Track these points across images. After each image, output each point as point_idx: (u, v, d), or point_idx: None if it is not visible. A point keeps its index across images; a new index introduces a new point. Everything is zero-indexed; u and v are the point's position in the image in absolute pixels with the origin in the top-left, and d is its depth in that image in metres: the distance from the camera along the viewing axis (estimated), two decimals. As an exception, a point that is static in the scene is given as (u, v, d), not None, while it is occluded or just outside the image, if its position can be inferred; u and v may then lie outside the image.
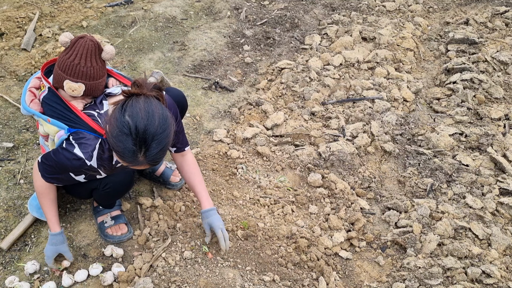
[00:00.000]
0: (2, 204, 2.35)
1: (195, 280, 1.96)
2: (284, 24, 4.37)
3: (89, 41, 1.82)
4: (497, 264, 2.18)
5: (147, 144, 1.59)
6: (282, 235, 2.26)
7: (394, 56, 3.78)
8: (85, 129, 1.80)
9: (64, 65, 1.82)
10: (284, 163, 2.75)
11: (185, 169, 2.16)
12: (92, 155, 1.78)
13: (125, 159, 1.64)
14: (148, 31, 4.01)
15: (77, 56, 1.81)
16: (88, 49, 1.82)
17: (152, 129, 1.58)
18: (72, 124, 1.81)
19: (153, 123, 1.58)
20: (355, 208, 2.50)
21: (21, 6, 4.12)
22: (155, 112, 1.60)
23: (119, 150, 1.61)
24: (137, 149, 1.59)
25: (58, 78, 1.85)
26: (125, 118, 1.57)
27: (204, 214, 2.10)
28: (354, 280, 2.20)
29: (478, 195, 2.60)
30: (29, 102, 1.93)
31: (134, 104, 1.59)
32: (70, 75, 1.81)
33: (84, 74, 1.82)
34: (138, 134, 1.57)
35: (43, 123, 1.87)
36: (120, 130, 1.57)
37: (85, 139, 1.78)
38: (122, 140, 1.58)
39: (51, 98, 1.89)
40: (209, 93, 3.41)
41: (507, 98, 3.42)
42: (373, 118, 3.10)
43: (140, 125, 1.56)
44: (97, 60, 1.85)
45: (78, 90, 1.83)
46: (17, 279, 1.99)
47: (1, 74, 3.33)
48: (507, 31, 4.24)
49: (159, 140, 1.61)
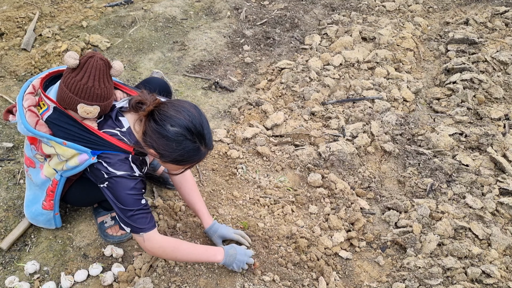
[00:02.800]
0: (2, 204, 2.35)
1: (195, 280, 1.96)
2: (284, 24, 4.37)
3: (100, 60, 1.73)
4: (497, 264, 2.18)
5: (203, 134, 1.67)
6: (282, 235, 2.26)
7: (394, 56, 3.78)
8: (111, 150, 1.74)
9: (76, 88, 1.71)
10: (284, 163, 2.75)
11: (184, 186, 2.14)
12: (132, 166, 1.77)
13: (192, 160, 1.70)
14: (148, 31, 4.01)
15: (89, 78, 1.71)
16: (100, 70, 1.73)
17: (196, 120, 1.65)
18: (94, 146, 1.74)
19: (192, 115, 1.65)
20: (355, 208, 2.50)
21: (21, 6, 4.12)
22: (185, 106, 1.67)
23: (186, 156, 1.66)
24: (200, 144, 1.67)
25: (70, 101, 1.73)
26: (170, 128, 1.62)
27: (211, 229, 2.11)
28: (354, 280, 2.20)
29: (478, 195, 2.60)
30: (35, 124, 1.78)
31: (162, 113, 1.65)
32: (85, 99, 1.71)
33: (99, 96, 1.73)
34: (192, 132, 1.64)
35: (55, 146, 1.77)
36: (177, 142, 1.62)
37: (116, 158, 1.74)
38: (183, 148, 1.64)
39: (60, 118, 1.77)
40: (209, 93, 3.41)
41: (507, 98, 3.42)
42: (373, 118, 3.10)
43: (187, 124, 1.63)
44: (108, 79, 1.77)
45: (93, 112, 1.75)
46: (17, 279, 1.99)
47: (1, 74, 3.33)
48: (507, 31, 4.24)
49: (206, 125, 1.69)
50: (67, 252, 2.15)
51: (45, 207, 2.05)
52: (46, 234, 2.22)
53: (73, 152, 1.74)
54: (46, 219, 2.11)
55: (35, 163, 1.97)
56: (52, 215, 2.10)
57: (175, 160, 1.69)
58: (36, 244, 2.18)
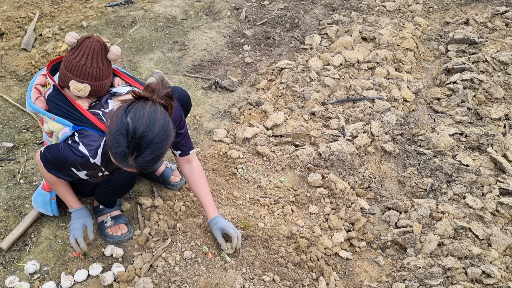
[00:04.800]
0: (2, 204, 2.35)
1: (195, 280, 1.96)
2: (284, 24, 4.37)
3: (96, 42, 1.83)
4: (497, 264, 2.18)
5: (140, 150, 1.58)
6: (282, 235, 2.26)
7: (394, 56, 3.78)
8: (90, 128, 1.81)
9: (70, 65, 1.82)
10: (284, 163, 2.75)
11: (193, 178, 2.17)
12: (97, 152, 1.78)
13: (115, 158, 1.64)
14: (148, 31, 4.01)
15: (83, 56, 1.81)
16: (94, 50, 1.82)
17: (149, 137, 1.57)
18: (77, 122, 1.82)
19: (152, 131, 1.57)
20: (355, 208, 2.50)
21: (21, 6, 4.12)
22: (157, 121, 1.59)
23: (112, 148, 1.61)
24: (129, 152, 1.58)
25: (64, 78, 1.86)
26: (126, 119, 1.57)
27: (213, 221, 2.12)
28: (354, 280, 2.20)
29: (478, 195, 2.60)
30: (35, 100, 1.93)
31: (139, 108, 1.59)
32: (76, 76, 1.82)
33: (90, 75, 1.82)
34: (134, 138, 1.56)
35: (48, 121, 1.87)
36: (118, 129, 1.57)
37: (90, 136, 1.79)
38: (118, 139, 1.58)
39: (56, 96, 1.89)
40: (209, 93, 3.41)
41: (507, 98, 3.42)
42: (373, 118, 3.10)
43: (138, 129, 1.56)
44: (103, 60, 1.86)
45: (84, 90, 1.84)
46: (17, 279, 2.00)
47: (1, 74, 3.33)
48: (507, 31, 4.24)
49: (153, 149, 1.60)
50: (67, 252, 2.15)
51: (44, 187, 2.17)
52: (46, 234, 2.22)
53: (60, 126, 1.83)
54: (43, 201, 2.18)
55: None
56: (49, 198, 2.16)
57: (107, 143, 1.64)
58: (36, 244, 2.18)
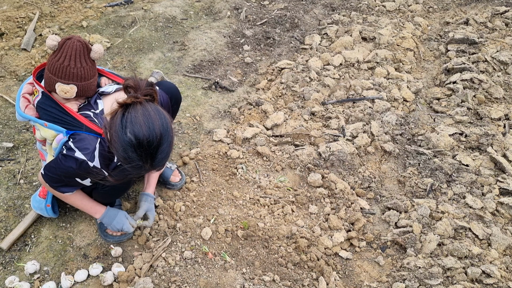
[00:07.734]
0: (2, 204, 2.35)
1: (195, 280, 1.96)
2: (284, 24, 4.37)
3: (77, 42, 1.82)
4: (497, 264, 2.18)
5: (153, 156, 1.62)
6: (282, 235, 2.26)
7: (394, 56, 3.78)
8: (83, 131, 1.80)
9: (54, 68, 1.81)
10: (284, 163, 2.75)
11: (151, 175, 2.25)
12: (94, 155, 1.78)
13: (133, 171, 1.67)
14: (148, 31, 4.01)
15: (66, 58, 1.80)
16: (76, 50, 1.81)
17: (155, 142, 1.60)
18: (70, 127, 1.81)
19: (155, 135, 1.59)
20: (355, 208, 2.50)
21: (21, 6, 4.12)
22: (155, 123, 1.59)
23: (126, 164, 1.63)
24: (144, 163, 1.62)
25: (50, 82, 1.85)
26: (127, 136, 1.56)
27: (147, 196, 2.19)
28: (354, 280, 2.20)
29: (478, 195, 2.60)
30: (24, 108, 1.92)
31: (133, 119, 1.57)
32: (61, 78, 1.81)
33: (75, 75, 1.82)
34: (143, 149, 1.58)
35: (40, 128, 1.86)
36: (124, 148, 1.58)
37: (84, 140, 1.77)
38: (128, 157, 1.60)
39: (46, 102, 1.88)
40: (209, 93, 3.41)
41: (507, 98, 3.42)
42: (373, 118, 3.10)
43: (143, 141, 1.57)
44: (86, 60, 1.85)
45: (71, 92, 1.84)
46: (17, 279, 2.00)
47: (1, 74, 3.33)
48: (507, 31, 4.24)
49: (162, 149, 1.63)
50: (67, 252, 2.15)
51: (40, 194, 2.17)
52: (46, 234, 2.22)
53: (53, 133, 1.82)
54: (39, 207, 2.20)
55: (44, 155, 2.06)
56: (44, 205, 2.17)
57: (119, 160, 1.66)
58: (36, 244, 2.18)
